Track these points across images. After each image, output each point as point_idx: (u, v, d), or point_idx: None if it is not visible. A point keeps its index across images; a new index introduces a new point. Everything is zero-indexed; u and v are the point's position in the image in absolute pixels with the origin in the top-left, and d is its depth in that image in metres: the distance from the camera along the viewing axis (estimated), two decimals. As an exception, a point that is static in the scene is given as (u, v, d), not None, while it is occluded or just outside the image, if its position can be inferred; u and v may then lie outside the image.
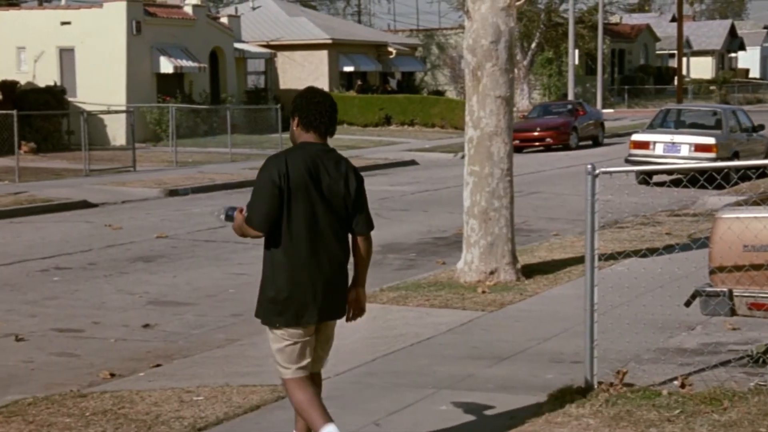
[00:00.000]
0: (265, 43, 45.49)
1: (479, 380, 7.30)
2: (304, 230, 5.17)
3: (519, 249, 12.06)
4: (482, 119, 11.19)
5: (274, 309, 5.22)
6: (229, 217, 5.37)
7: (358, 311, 5.51)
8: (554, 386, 6.86)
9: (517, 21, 11.53)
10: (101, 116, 32.52)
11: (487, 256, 11.16)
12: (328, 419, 5.20)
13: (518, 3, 11.35)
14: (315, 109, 5.27)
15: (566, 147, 33.54)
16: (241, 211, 5.31)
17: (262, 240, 5.36)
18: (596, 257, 6.68)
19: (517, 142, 27.17)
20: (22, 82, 33.82)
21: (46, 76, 35.24)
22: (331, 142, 5.48)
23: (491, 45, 11.07)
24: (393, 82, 51.52)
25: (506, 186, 11.25)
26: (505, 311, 9.76)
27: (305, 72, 46.53)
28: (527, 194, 20.21)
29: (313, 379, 5.41)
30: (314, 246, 5.19)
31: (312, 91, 5.38)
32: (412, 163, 30.16)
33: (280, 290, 5.18)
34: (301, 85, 46.69)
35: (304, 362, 5.27)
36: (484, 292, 10.55)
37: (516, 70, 12.87)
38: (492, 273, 11.12)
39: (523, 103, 49.77)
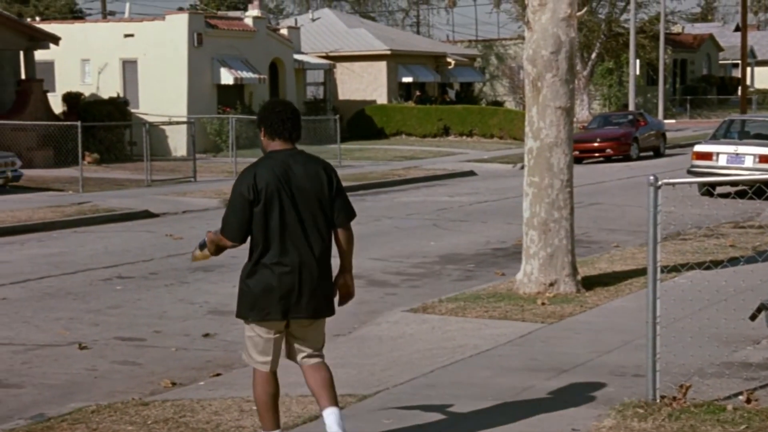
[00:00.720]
0: (324, 55, 45.74)
1: (539, 392, 7.24)
2: (276, 235, 5.55)
3: (579, 260, 11.96)
4: (542, 130, 11.12)
5: (246, 304, 5.66)
6: (202, 246, 5.92)
7: (347, 296, 5.89)
8: (616, 399, 6.78)
9: (578, 31, 11.45)
10: (163, 127, 32.92)
11: (546, 268, 11.07)
12: (276, 425, 5.75)
13: (579, 13, 11.28)
14: (277, 118, 5.65)
15: (627, 158, 33.21)
16: (208, 233, 5.86)
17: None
18: (658, 269, 6.60)
19: (576, 152, 26.95)
20: (87, 93, 34.37)
21: (110, 87, 35.79)
22: (391, 152, 5.56)
23: (551, 55, 11.00)
24: (451, 92, 51.46)
25: (566, 197, 11.16)
26: (565, 323, 9.67)
27: (364, 83, 46.68)
28: (587, 205, 20.05)
29: (316, 368, 5.72)
30: (285, 249, 5.56)
31: (273, 102, 5.83)
32: (471, 173, 30.07)
33: (252, 289, 5.60)
34: (359, 96, 47.04)
35: (267, 358, 5.68)
36: (543, 303, 10.47)
37: (576, 81, 12.79)
38: (552, 284, 11.03)
39: (582, 113, 49.42)
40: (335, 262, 5.78)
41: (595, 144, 33.13)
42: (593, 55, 52.99)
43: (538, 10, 11.06)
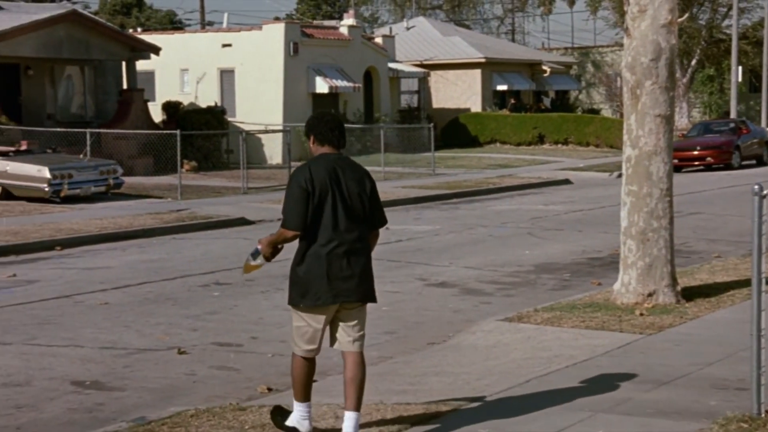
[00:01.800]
0: (418, 63, 45.82)
1: (638, 404, 7.11)
2: (328, 225, 6.13)
3: (679, 271, 11.73)
4: (641, 138, 10.95)
5: (298, 291, 6.22)
6: (254, 255, 6.36)
7: None
8: (718, 413, 6.62)
9: (678, 38, 11.24)
10: (259, 135, 33.36)
11: (645, 278, 10.89)
12: (307, 399, 6.39)
13: (680, 19, 11.08)
14: (326, 126, 6.30)
15: (728, 166, 32.52)
16: (259, 242, 6.32)
17: (416, 259, 5.48)
18: (763, 280, 6.43)
19: (676, 161, 26.54)
20: (185, 102, 35.02)
21: (208, 96, 36.41)
22: (485, 160, 5.56)
23: (651, 63, 10.83)
24: (546, 100, 51.08)
25: (665, 206, 10.97)
26: (665, 334, 9.49)
27: (458, 91, 46.62)
28: (687, 215, 19.67)
29: (354, 360, 6.31)
30: (335, 238, 6.13)
31: (322, 113, 6.57)
32: (566, 182, 29.79)
33: (304, 276, 6.16)
34: (454, 105, 46.98)
35: (313, 347, 6.33)
36: (642, 314, 10.30)
37: (675, 88, 12.48)
38: (650, 295, 10.84)
39: (681, 121, 48.55)
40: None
41: (695, 152, 32.54)
42: (693, 62, 52.01)
43: (638, 16, 10.90)
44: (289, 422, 6.43)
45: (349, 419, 6.21)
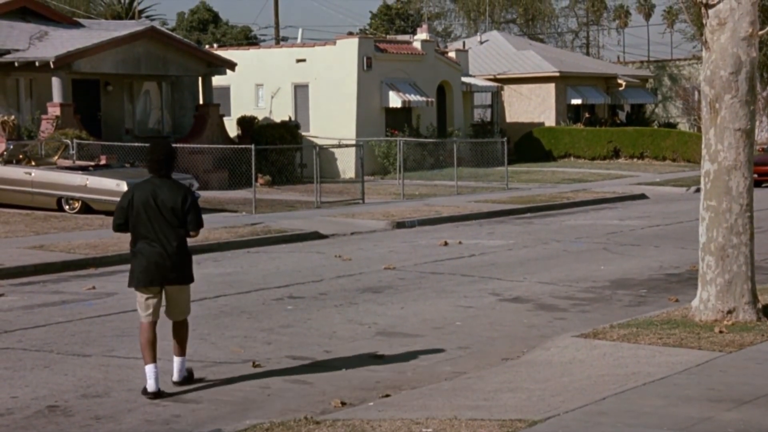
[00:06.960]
0: (492, 77, 45.69)
1: (718, 424, 6.97)
2: (148, 230, 8.64)
3: (759, 288, 11.49)
4: (720, 153, 10.77)
5: (132, 277, 8.78)
6: None
7: None
8: (801, 435, 6.46)
9: (758, 50, 11.03)
10: (332, 150, 33.54)
11: (724, 295, 10.69)
12: (153, 361, 8.55)
13: (761, 32, 10.88)
14: (154, 161, 8.71)
15: (809, 181, 31.81)
16: None
17: (490, 273, 5.39)
18: None
19: (755, 176, 26.03)
20: (260, 117, 35.35)
21: (282, 111, 36.73)
22: (559, 175, 5.45)
23: (731, 76, 10.65)
24: (622, 114, 50.53)
25: (746, 222, 10.77)
26: (745, 352, 9.30)
27: (532, 105, 46.37)
28: (767, 231, 19.27)
29: (179, 325, 8.91)
30: (153, 240, 8.64)
31: (156, 145, 8.84)
32: (642, 197, 29.42)
33: (134, 267, 8.74)
34: (527, 119, 46.72)
35: (148, 312, 8.74)
36: (721, 331, 10.10)
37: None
38: (730, 312, 10.64)
39: (762, 135, 47.65)
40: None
41: (775, 167, 31.90)
42: (773, 75, 51.00)
43: (717, 29, 10.73)
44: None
45: (179, 362, 8.80)
